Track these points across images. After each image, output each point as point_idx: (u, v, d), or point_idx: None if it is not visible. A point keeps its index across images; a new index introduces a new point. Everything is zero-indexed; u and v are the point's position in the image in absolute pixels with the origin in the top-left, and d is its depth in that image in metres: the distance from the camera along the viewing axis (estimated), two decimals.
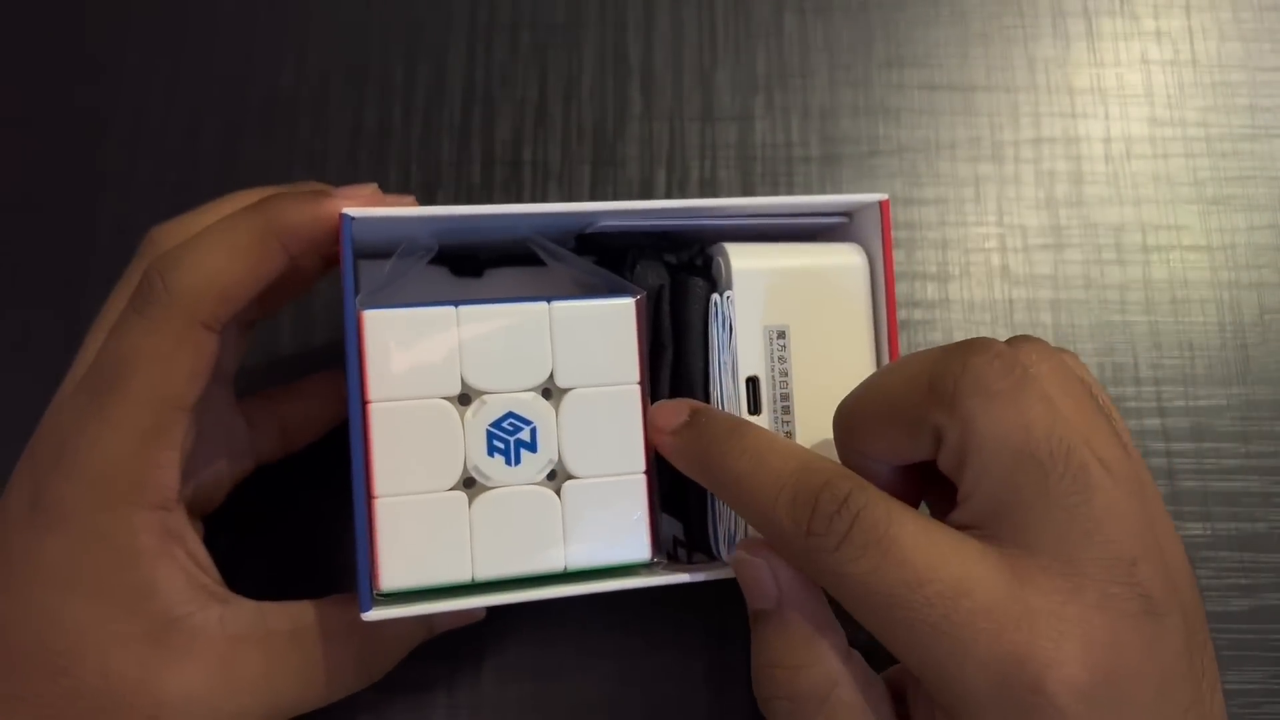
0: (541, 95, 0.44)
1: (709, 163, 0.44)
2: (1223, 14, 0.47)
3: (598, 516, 0.31)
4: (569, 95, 0.44)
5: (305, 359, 0.41)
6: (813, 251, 0.34)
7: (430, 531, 0.30)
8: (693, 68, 0.45)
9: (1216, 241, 0.44)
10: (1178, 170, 0.45)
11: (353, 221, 0.30)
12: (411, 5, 0.45)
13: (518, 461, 0.30)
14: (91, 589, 0.29)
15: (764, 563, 0.29)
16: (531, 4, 0.45)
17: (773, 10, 0.46)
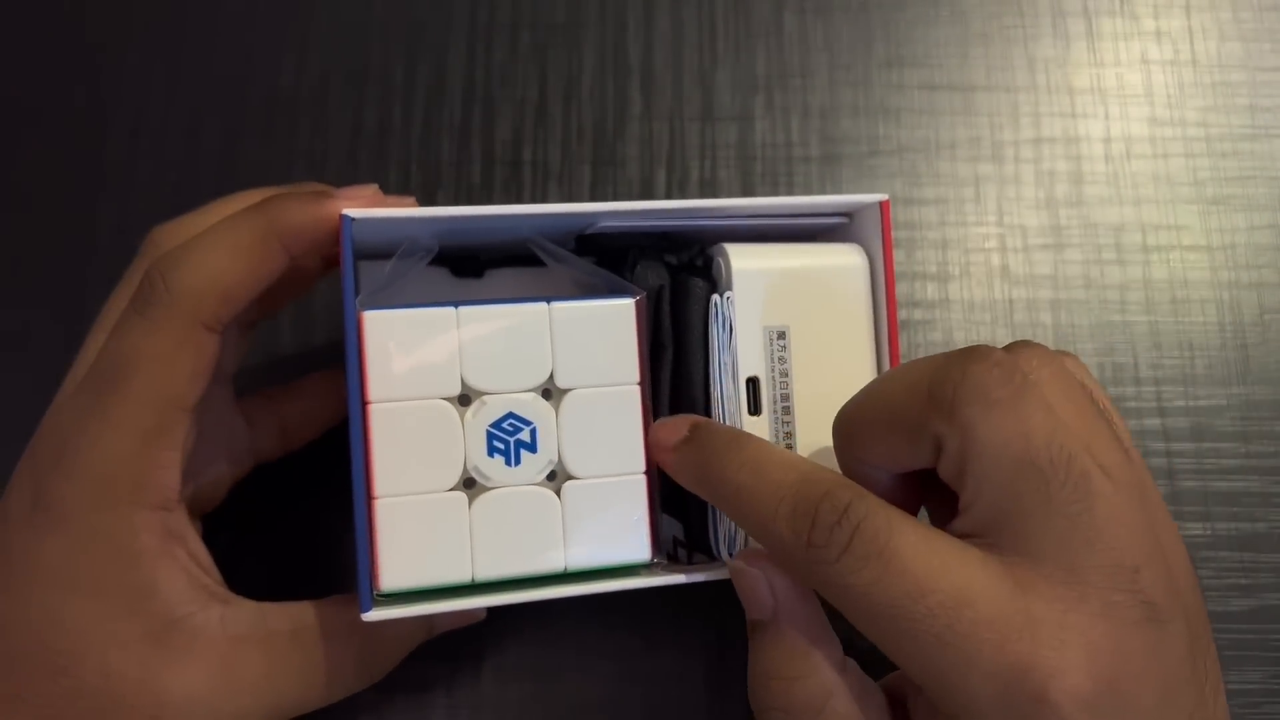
0: (541, 95, 0.44)
1: (709, 163, 0.44)
2: (1223, 14, 0.47)
3: (598, 517, 0.31)
4: (569, 95, 0.44)
5: (305, 359, 0.41)
6: (813, 252, 0.34)
7: (430, 532, 0.30)
8: (693, 68, 0.45)
9: (1216, 241, 0.44)
10: (1178, 170, 0.45)
11: (353, 222, 0.30)
12: (411, 5, 0.45)
13: (518, 462, 0.30)
14: (92, 589, 0.29)
15: (760, 573, 0.29)
16: (531, 4, 0.45)
17: (773, 10, 0.46)
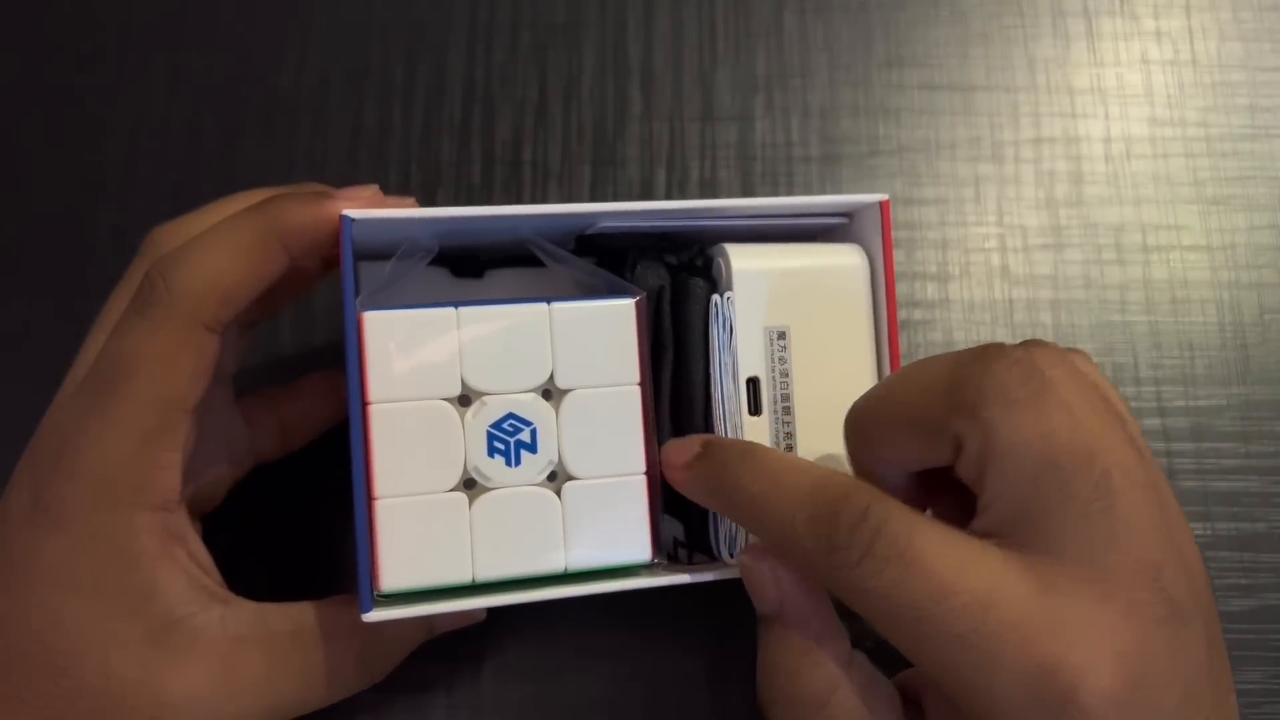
0: (541, 95, 0.44)
1: (709, 163, 0.44)
2: (1223, 14, 0.47)
3: (598, 517, 0.31)
4: (569, 95, 0.44)
5: (305, 359, 0.41)
6: (813, 252, 0.34)
7: (430, 532, 0.30)
8: (693, 68, 0.45)
9: (1216, 241, 0.44)
10: (1178, 170, 0.45)
11: (353, 223, 0.30)
12: (411, 5, 0.45)
13: (518, 462, 0.30)
14: (92, 589, 0.29)
15: (768, 569, 0.29)
16: (531, 4, 0.45)
17: (773, 10, 0.46)
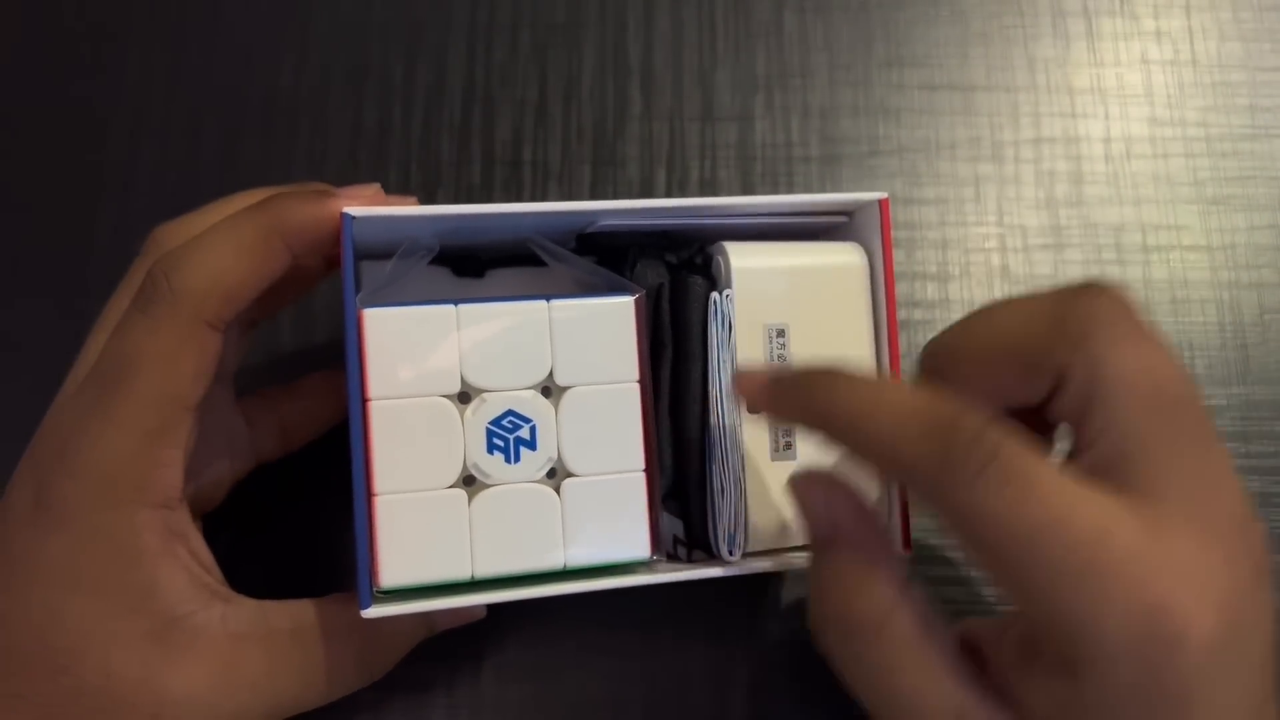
0: (541, 95, 0.44)
1: (709, 163, 0.44)
2: (1223, 14, 0.47)
3: (597, 514, 0.31)
4: (569, 95, 0.44)
5: (306, 358, 0.41)
6: (812, 251, 0.34)
7: (430, 529, 0.30)
8: (693, 68, 0.45)
9: (1216, 241, 0.44)
10: (1178, 170, 0.45)
11: (353, 221, 0.30)
12: (411, 5, 0.45)
13: (517, 459, 0.30)
14: (94, 587, 0.29)
15: (820, 491, 0.29)
16: (531, 4, 0.45)
17: (773, 10, 0.46)
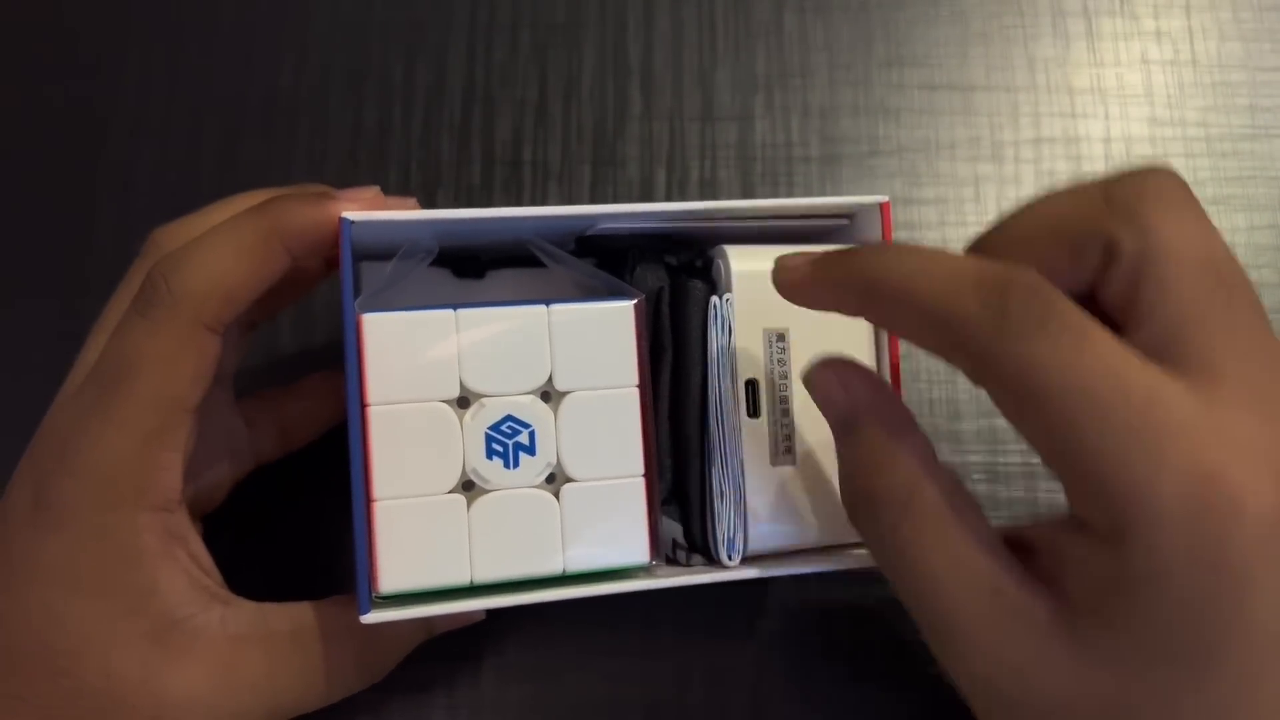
0: (541, 95, 0.44)
1: (709, 163, 0.44)
2: (1223, 14, 0.47)
3: (596, 519, 0.31)
4: (569, 95, 0.44)
5: (305, 359, 0.41)
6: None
7: (429, 534, 0.30)
8: (693, 68, 0.45)
9: None
10: (1178, 170, 0.45)
11: (352, 225, 0.30)
12: (411, 5, 0.45)
13: (516, 465, 0.30)
14: (93, 589, 0.29)
15: (833, 374, 0.29)
16: (531, 4, 0.45)
17: (773, 10, 0.46)
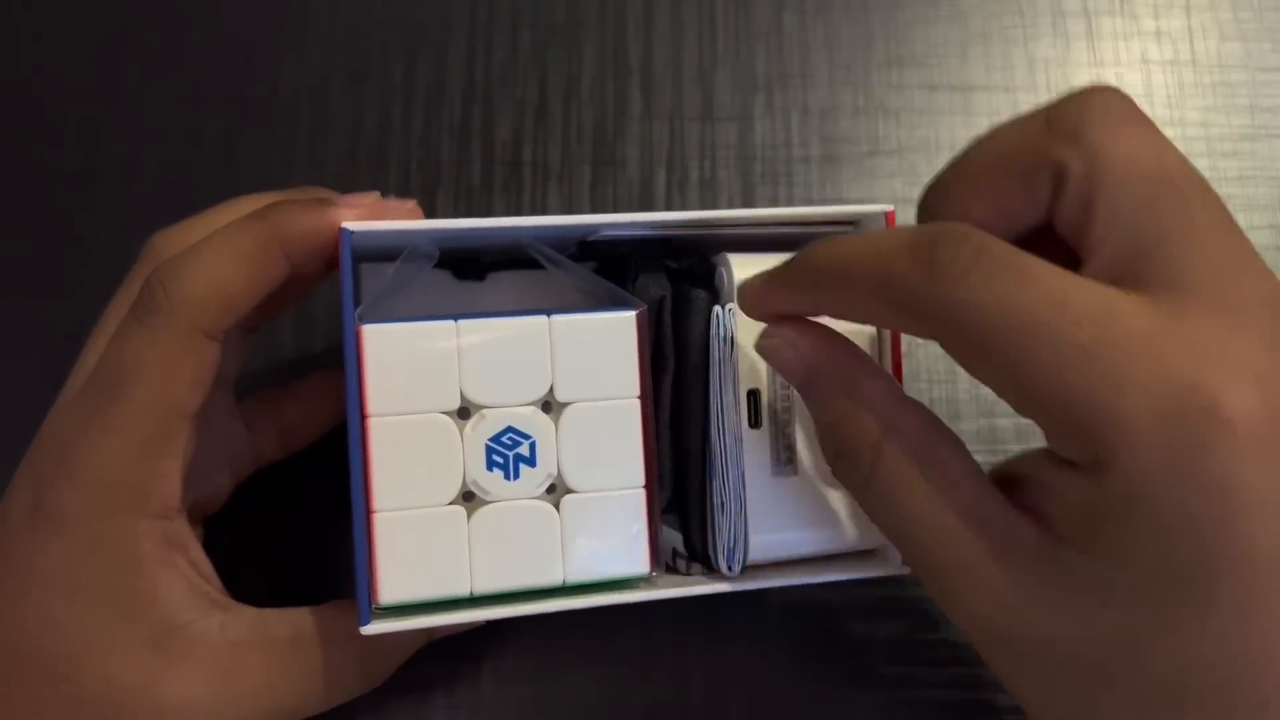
0: (541, 95, 0.44)
1: (709, 163, 0.44)
2: (1223, 14, 0.46)
3: (596, 530, 0.31)
4: (569, 95, 0.44)
5: (305, 361, 0.41)
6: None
7: (429, 545, 0.30)
8: (693, 68, 0.45)
9: None
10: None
11: (351, 235, 0.30)
12: (411, 5, 0.45)
13: (516, 476, 0.30)
14: (93, 595, 0.29)
15: (780, 340, 0.29)
16: (531, 4, 0.45)
17: (773, 10, 0.46)
